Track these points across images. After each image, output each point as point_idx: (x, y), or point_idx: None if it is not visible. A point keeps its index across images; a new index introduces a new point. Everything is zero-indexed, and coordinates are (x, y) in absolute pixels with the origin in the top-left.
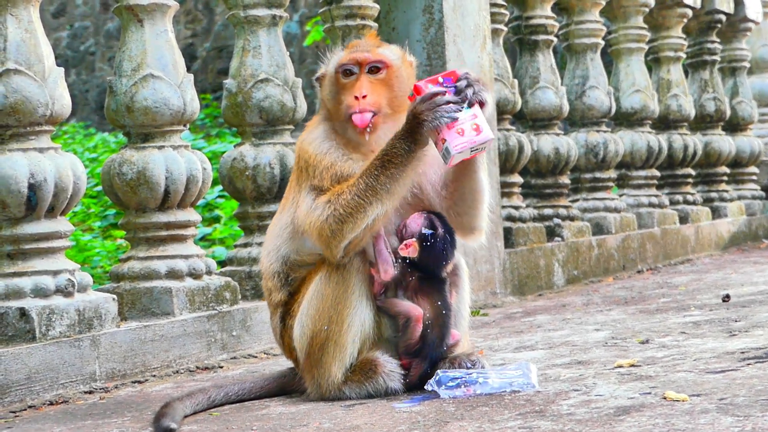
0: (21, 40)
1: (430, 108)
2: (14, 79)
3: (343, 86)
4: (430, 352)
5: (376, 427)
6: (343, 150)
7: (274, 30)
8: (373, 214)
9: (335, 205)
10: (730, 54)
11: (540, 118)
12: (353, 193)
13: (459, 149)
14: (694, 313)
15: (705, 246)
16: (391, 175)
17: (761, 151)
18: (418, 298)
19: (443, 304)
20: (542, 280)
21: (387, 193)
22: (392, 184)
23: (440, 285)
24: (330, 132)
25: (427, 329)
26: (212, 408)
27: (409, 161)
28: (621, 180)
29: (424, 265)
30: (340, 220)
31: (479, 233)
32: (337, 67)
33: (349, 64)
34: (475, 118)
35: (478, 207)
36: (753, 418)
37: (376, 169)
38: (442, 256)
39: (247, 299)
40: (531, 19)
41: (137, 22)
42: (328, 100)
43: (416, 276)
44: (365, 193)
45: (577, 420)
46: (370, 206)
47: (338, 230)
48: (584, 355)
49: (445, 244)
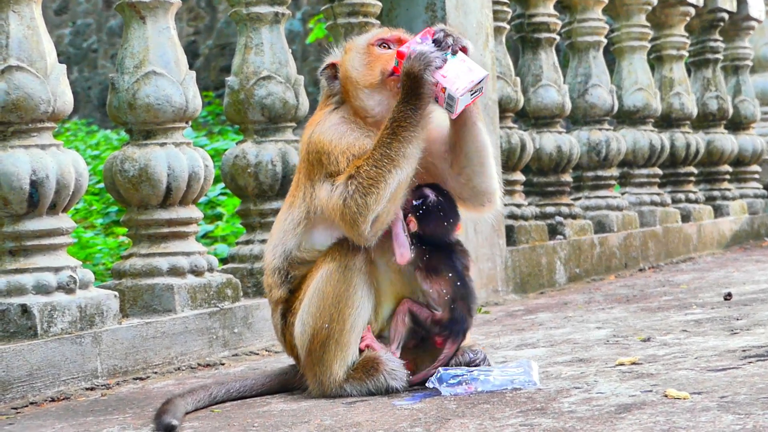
0: (23, 36)
1: (419, 60)
2: (16, 76)
3: (379, 57)
4: (462, 326)
5: (377, 425)
6: (363, 130)
7: (277, 27)
8: (395, 181)
9: (356, 180)
10: (732, 52)
11: (542, 116)
12: (371, 164)
13: (461, 92)
14: (696, 311)
15: (707, 244)
16: (404, 139)
17: (764, 149)
18: (433, 278)
19: (456, 276)
20: (544, 278)
21: (403, 157)
22: (406, 148)
23: (449, 259)
24: (348, 114)
25: (452, 305)
26: (214, 405)
27: (417, 121)
28: (623, 178)
29: (429, 235)
30: (363, 193)
31: (494, 197)
32: (375, 41)
33: (390, 39)
34: (464, 62)
35: (485, 164)
36: (754, 416)
37: (387, 137)
38: (441, 220)
39: (248, 296)
40: (534, 17)
41: (139, 19)
42: (355, 70)
43: (429, 255)
44: (382, 162)
45: (578, 418)
46: (390, 174)
47: (363, 204)
48: (585, 353)
49: (440, 207)
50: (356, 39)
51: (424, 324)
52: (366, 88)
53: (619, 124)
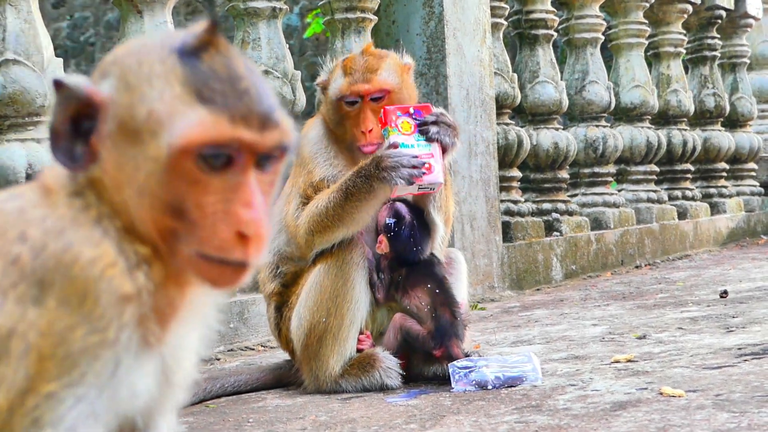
0: (20, 30)
1: (392, 165)
2: (13, 70)
3: (347, 114)
4: (453, 330)
5: (372, 421)
6: (334, 152)
7: (274, 22)
8: (340, 235)
9: (310, 220)
10: (730, 50)
11: (539, 112)
12: (323, 215)
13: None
14: (692, 308)
15: (703, 242)
16: (354, 207)
17: (760, 147)
18: (411, 295)
19: (434, 285)
20: (540, 274)
21: (352, 220)
22: (356, 214)
23: (427, 270)
24: (324, 134)
25: (434, 314)
26: (208, 400)
27: (369, 198)
28: (620, 175)
29: (401, 253)
30: (311, 233)
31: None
32: (339, 98)
33: (351, 96)
34: (430, 158)
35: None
36: (749, 414)
37: (341, 198)
38: (413, 239)
39: (244, 291)
40: (531, 14)
41: (137, 13)
42: (330, 122)
43: (403, 274)
44: (333, 217)
45: (573, 415)
46: (337, 229)
47: (310, 241)
48: (581, 350)
49: (412, 230)
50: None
51: (419, 339)
52: (338, 135)
53: (616, 121)
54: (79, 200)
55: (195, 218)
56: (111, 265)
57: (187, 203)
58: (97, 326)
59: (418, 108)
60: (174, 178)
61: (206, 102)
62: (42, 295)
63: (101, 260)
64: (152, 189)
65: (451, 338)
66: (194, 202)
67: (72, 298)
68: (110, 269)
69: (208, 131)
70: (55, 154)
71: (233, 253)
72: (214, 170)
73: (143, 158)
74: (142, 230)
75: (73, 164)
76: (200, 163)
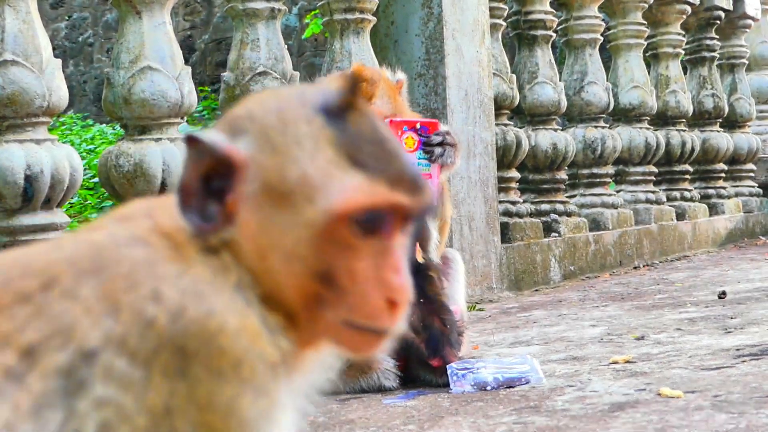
0: (18, 30)
1: None
2: (11, 70)
3: None
4: (446, 339)
5: (370, 422)
6: None
7: (273, 23)
8: None
9: None
10: (728, 51)
11: (538, 113)
12: None
13: None
14: (690, 309)
15: (702, 243)
16: None
17: (759, 148)
18: None
19: (422, 295)
20: (539, 275)
21: None
22: None
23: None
24: None
25: (424, 323)
26: None
27: None
28: (618, 176)
29: None
30: None
31: None
32: None
33: None
34: (428, 178)
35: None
36: (747, 415)
37: None
38: None
39: None
40: (530, 14)
41: (135, 13)
42: None
43: None
44: None
45: (571, 416)
46: None
47: None
48: (579, 351)
49: None
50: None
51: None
52: None
53: (615, 122)
54: (215, 260)
55: (345, 285)
56: (257, 335)
57: (338, 269)
58: (262, 391)
59: (425, 124)
60: (327, 243)
61: (361, 166)
62: (187, 366)
63: (247, 330)
64: (302, 255)
65: (445, 347)
66: (345, 269)
67: (225, 367)
68: (258, 339)
69: (368, 196)
70: (185, 213)
71: (382, 321)
72: (366, 235)
73: (294, 223)
74: (283, 297)
75: (207, 224)
76: (355, 228)
